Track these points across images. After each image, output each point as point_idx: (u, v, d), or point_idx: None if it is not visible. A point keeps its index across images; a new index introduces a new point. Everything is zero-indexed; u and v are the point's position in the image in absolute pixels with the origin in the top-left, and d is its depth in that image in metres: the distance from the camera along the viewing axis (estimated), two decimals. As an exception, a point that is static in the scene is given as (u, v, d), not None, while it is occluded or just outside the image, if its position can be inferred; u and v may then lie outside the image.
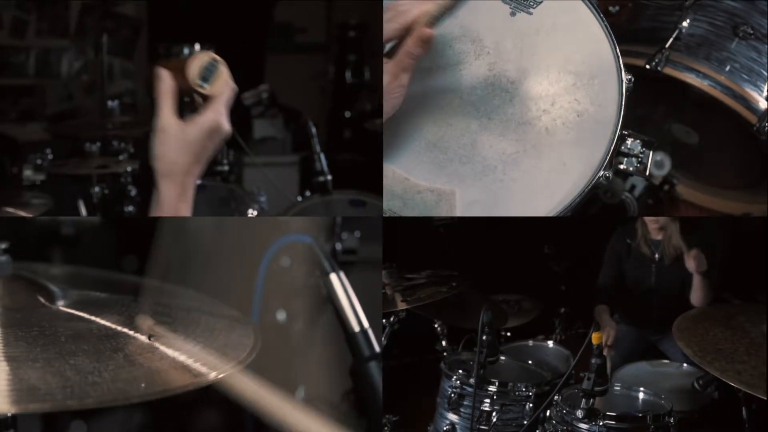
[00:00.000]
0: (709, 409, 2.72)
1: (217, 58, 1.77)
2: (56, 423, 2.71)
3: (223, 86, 1.78)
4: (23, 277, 1.75)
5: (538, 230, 4.11)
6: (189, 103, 1.84)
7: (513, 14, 2.25)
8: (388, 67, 2.01)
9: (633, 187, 3.21)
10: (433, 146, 2.18)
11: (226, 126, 1.79)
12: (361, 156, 5.83)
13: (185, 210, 1.80)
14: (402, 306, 2.86)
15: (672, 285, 3.39)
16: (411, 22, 1.98)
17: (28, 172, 3.58)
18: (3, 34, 5.92)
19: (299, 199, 4.09)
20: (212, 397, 3.03)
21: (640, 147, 2.19)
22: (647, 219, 3.35)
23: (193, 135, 1.75)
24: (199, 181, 3.90)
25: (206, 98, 1.79)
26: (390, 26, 2.00)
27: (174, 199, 1.77)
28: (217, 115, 1.77)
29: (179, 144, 1.75)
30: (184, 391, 1.48)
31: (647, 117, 2.99)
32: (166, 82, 1.77)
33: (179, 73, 1.77)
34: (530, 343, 3.41)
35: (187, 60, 1.75)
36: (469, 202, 2.13)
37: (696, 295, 3.22)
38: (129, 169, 3.88)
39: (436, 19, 1.99)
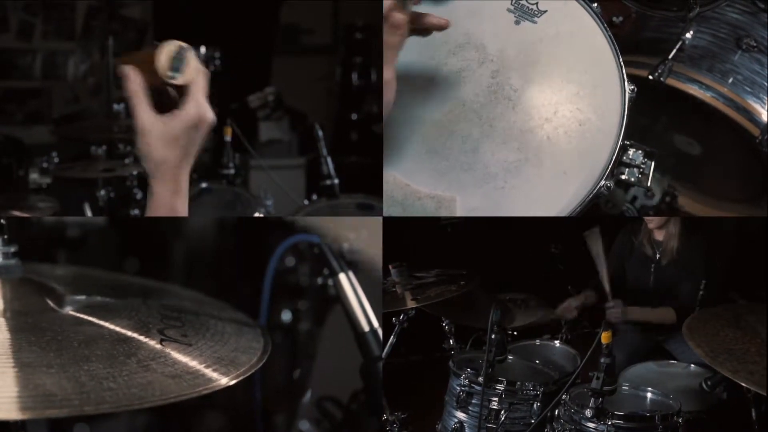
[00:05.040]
0: (718, 409, 2.72)
1: (184, 44, 1.72)
2: (64, 424, 2.72)
3: (194, 73, 1.73)
4: (32, 280, 1.76)
5: (545, 230, 4.12)
6: (162, 94, 1.77)
7: (517, 23, 2.26)
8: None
9: (634, 198, 3.23)
10: (434, 153, 2.20)
11: (210, 115, 1.75)
12: (368, 159, 5.83)
13: (181, 205, 1.76)
14: (412, 304, 2.89)
15: (670, 285, 3.41)
16: (387, 11, 1.97)
17: (34, 176, 3.59)
18: (10, 36, 5.93)
19: (306, 202, 4.09)
20: (218, 399, 3.05)
21: (641, 157, 2.20)
22: (646, 219, 3.37)
23: (178, 129, 1.71)
24: (204, 185, 3.91)
25: (179, 88, 1.74)
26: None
27: (168, 196, 1.74)
28: (198, 106, 1.72)
29: (164, 141, 1.71)
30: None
31: (649, 128, 3.00)
32: (134, 79, 1.72)
33: (146, 66, 1.71)
34: (537, 342, 3.42)
35: (153, 52, 1.70)
36: (469, 209, 2.15)
37: None
38: (135, 172, 3.89)
39: (403, 3, 1.96)
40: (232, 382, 1.58)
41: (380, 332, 2.11)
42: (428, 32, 2.09)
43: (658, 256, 3.45)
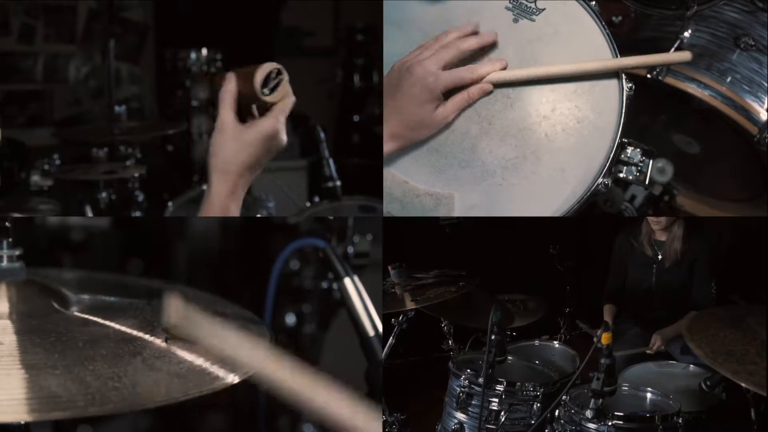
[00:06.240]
0: (717, 409, 2.73)
1: (282, 69, 1.82)
2: (68, 425, 2.72)
3: (284, 96, 1.83)
4: (37, 282, 1.76)
5: (544, 230, 4.12)
6: (247, 111, 1.87)
7: (516, 21, 2.27)
8: (447, 105, 2.15)
9: (633, 197, 3.23)
10: (433, 150, 2.20)
11: (284, 136, 1.83)
12: (370, 161, 5.82)
13: (234, 209, 1.85)
14: (411, 305, 2.88)
15: (672, 286, 3.41)
16: (482, 77, 2.18)
17: (35, 178, 3.60)
18: (11, 39, 5.93)
19: (308, 204, 4.09)
20: (220, 400, 3.05)
21: (640, 156, 2.20)
22: (650, 219, 3.37)
23: (251, 138, 1.80)
24: (206, 187, 3.93)
25: (267, 108, 1.83)
26: (461, 74, 2.16)
27: (224, 196, 1.82)
28: (276, 123, 1.81)
29: (236, 144, 1.80)
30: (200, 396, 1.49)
31: (648, 126, 3.00)
32: (230, 84, 1.82)
33: (244, 79, 1.81)
34: (536, 342, 3.42)
35: (255, 67, 1.80)
36: (467, 206, 2.16)
37: None
38: (136, 174, 3.89)
39: (498, 84, 2.18)
40: (238, 380, 1.57)
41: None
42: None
43: (659, 257, 3.44)
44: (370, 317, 2.10)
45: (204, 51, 4.92)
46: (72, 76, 6.13)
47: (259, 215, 3.94)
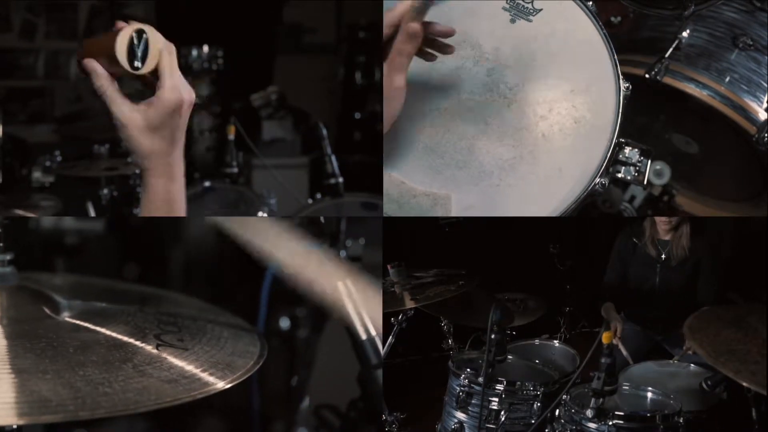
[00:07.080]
0: (718, 409, 2.72)
1: (142, 27, 1.63)
2: (62, 430, 2.72)
3: (159, 55, 1.66)
4: (28, 287, 1.76)
5: (544, 230, 4.12)
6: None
7: (513, 21, 2.26)
8: (385, 70, 1.96)
9: (633, 197, 3.22)
10: (430, 151, 2.20)
11: (187, 95, 1.69)
12: (372, 158, 5.82)
13: (178, 193, 1.72)
14: (411, 304, 2.88)
15: (676, 285, 3.39)
16: (398, 19, 1.91)
17: (37, 174, 3.59)
18: (13, 36, 5.96)
19: (309, 201, 4.09)
20: (216, 406, 3.05)
21: (638, 156, 2.20)
22: (658, 218, 3.36)
23: (158, 117, 1.66)
24: (207, 184, 3.90)
25: (148, 75, 1.67)
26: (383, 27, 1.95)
27: (163, 186, 1.69)
28: (173, 89, 1.67)
29: (147, 131, 1.66)
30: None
31: (647, 127, 2.99)
32: (101, 74, 1.67)
33: (108, 57, 1.64)
34: (536, 341, 3.41)
35: (112, 41, 1.62)
36: (464, 207, 2.15)
37: None
38: (138, 170, 3.88)
39: (419, 12, 1.90)
40: (228, 386, 1.58)
41: (378, 340, 2.11)
42: (434, 57, 2.07)
43: (663, 256, 3.43)
44: (362, 321, 2.10)
45: (205, 48, 4.92)
46: (73, 73, 6.14)
47: (261, 212, 3.93)
